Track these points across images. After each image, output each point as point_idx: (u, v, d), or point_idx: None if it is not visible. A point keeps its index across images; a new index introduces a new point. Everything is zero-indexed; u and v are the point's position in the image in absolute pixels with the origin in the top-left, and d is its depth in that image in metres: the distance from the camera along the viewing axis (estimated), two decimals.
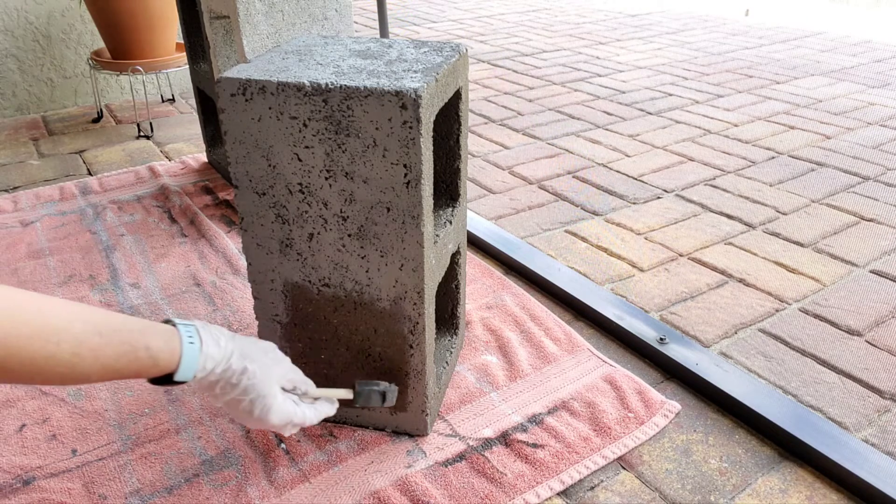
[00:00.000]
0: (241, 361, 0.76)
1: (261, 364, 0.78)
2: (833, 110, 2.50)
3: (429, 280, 0.89)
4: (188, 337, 0.72)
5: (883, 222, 1.67)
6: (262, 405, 0.78)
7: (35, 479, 0.93)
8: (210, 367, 0.73)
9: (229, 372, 0.75)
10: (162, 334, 0.70)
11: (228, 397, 0.76)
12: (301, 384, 0.85)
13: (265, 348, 0.82)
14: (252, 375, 0.76)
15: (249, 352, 0.78)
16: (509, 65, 3.15)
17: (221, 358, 0.75)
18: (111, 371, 0.65)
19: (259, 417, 0.78)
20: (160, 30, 2.25)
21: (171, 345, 0.70)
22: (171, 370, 0.70)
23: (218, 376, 0.75)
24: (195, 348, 0.72)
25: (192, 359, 0.72)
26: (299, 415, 0.82)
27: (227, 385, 0.75)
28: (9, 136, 2.27)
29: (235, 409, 0.78)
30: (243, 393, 0.76)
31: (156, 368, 0.69)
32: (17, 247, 1.53)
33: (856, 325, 1.28)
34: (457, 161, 1.04)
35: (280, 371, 0.81)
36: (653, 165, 2.01)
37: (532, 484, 0.92)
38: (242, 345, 0.78)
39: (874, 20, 4.40)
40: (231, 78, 0.81)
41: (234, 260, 1.47)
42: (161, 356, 0.69)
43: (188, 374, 0.72)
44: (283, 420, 0.80)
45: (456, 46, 0.95)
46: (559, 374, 1.13)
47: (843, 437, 0.98)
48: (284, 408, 0.80)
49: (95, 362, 0.63)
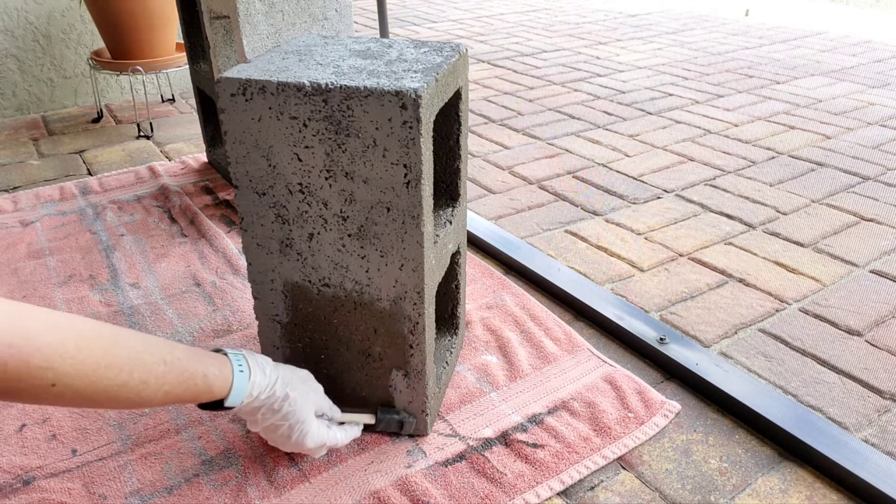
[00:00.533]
0: (283, 389, 0.82)
1: (300, 392, 0.85)
2: (833, 110, 2.50)
3: (429, 280, 0.89)
4: (238, 365, 0.78)
5: (883, 222, 1.67)
6: (299, 431, 0.84)
7: (35, 479, 0.93)
8: (256, 394, 0.79)
9: (273, 399, 0.81)
10: (216, 363, 0.76)
11: (269, 423, 0.82)
12: (328, 410, 0.91)
13: (304, 377, 0.88)
14: (293, 402, 0.83)
15: (290, 379, 0.84)
16: (509, 65, 3.15)
17: (266, 385, 0.81)
18: (171, 396, 0.71)
19: (296, 442, 0.85)
20: (160, 30, 2.25)
21: (224, 372, 0.76)
22: (223, 396, 0.76)
23: (262, 402, 0.81)
24: (244, 376, 0.78)
25: (242, 386, 0.78)
26: (332, 438, 0.89)
27: (269, 411, 0.81)
28: (9, 136, 2.27)
29: (274, 434, 0.84)
30: (283, 419, 0.82)
31: (209, 395, 0.75)
32: (17, 247, 1.53)
33: (856, 325, 1.28)
34: (457, 161, 1.04)
35: (315, 398, 0.88)
36: (653, 165, 2.01)
37: (532, 484, 0.92)
38: (284, 373, 0.84)
39: (874, 20, 4.40)
40: (231, 78, 0.81)
41: (234, 260, 1.47)
42: (216, 383, 0.75)
43: (237, 400, 0.78)
44: (317, 444, 0.87)
45: (456, 46, 0.95)
46: (559, 374, 1.13)
47: (843, 437, 0.98)
48: (319, 433, 0.87)
49: (159, 390, 0.69)
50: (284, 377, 0.84)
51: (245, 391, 0.78)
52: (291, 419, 0.83)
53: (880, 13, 4.72)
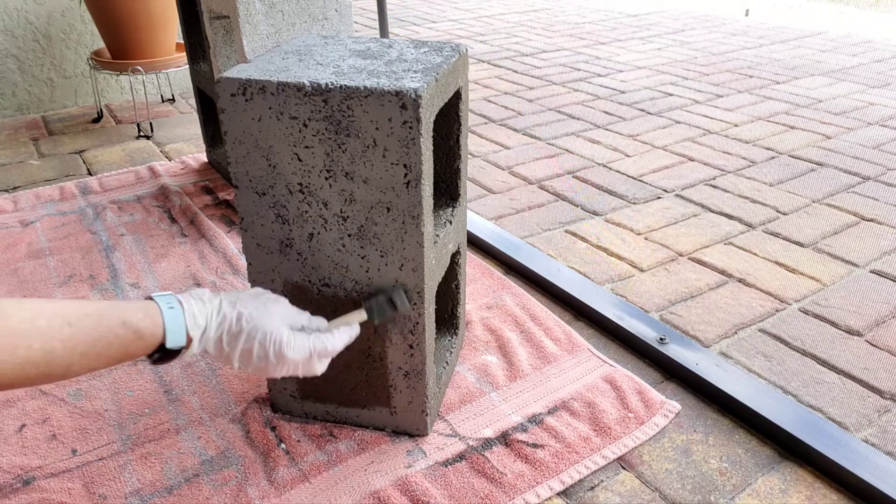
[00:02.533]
0: (232, 308, 0.75)
1: (254, 305, 0.77)
2: (833, 110, 2.50)
3: (429, 280, 0.89)
4: (167, 304, 0.71)
5: (883, 222, 1.67)
6: (273, 343, 0.75)
7: (35, 479, 0.93)
8: (203, 323, 0.72)
9: (226, 321, 0.74)
10: (139, 308, 0.69)
11: (238, 349, 0.74)
12: (309, 322, 0.82)
13: (254, 293, 0.80)
14: (250, 318, 0.75)
15: (237, 298, 0.77)
16: (509, 65, 3.15)
17: (211, 310, 0.73)
18: (94, 356, 0.64)
19: (277, 356, 0.76)
20: (160, 30, 2.25)
21: (151, 315, 0.69)
22: (159, 340, 0.69)
23: (217, 330, 0.73)
24: (177, 311, 0.71)
25: (178, 322, 0.70)
26: (319, 344, 0.80)
27: (230, 336, 0.74)
28: (9, 136, 2.27)
29: (252, 360, 0.76)
30: (249, 337, 0.75)
31: (142, 341, 0.68)
32: (17, 247, 1.53)
33: (856, 325, 1.28)
34: (457, 161, 1.04)
35: (280, 310, 0.79)
36: (653, 165, 2.01)
37: (532, 484, 0.92)
38: (228, 295, 0.77)
39: (874, 20, 4.40)
40: (231, 78, 0.81)
41: (234, 260, 1.47)
42: (142, 326, 0.68)
43: (180, 338, 0.70)
44: (303, 353, 0.78)
45: (456, 46, 0.95)
46: (559, 374, 1.13)
47: (843, 437, 0.98)
48: (299, 341, 0.78)
49: (73, 352, 0.62)
50: (231, 298, 0.76)
51: (183, 326, 0.70)
52: (258, 335, 0.75)
53: (880, 13, 4.72)
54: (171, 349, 0.70)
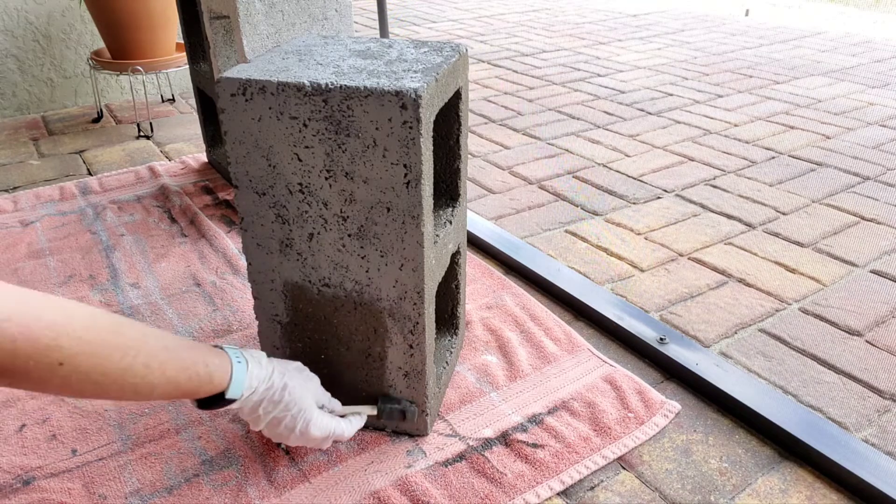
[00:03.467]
0: (281, 378, 0.82)
1: (298, 381, 0.85)
2: (833, 110, 2.50)
3: (429, 280, 0.89)
4: (236, 357, 0.79)
5: (883, 222, 1.67)
6: (303, 420, 0.84)
7: (35, 479, 0.93)
8: (255, 385, 0.79)
9: (272, 389, 0.81)
10: (215, 353, 0.77)
11: (272, 416, 0.82)
12: (328, 403, 0.90)
13: (298, 367, 0.88)
14: (293, 391, 0.83)
15: (286, 369, 0.85)
16: (509, 65, 3.15)
17: (265, 376, 0.81)
18: (174, 384, 0.71)
19: (302, 431, 0.84)
20: (160, 30, 2.25)
21: (223, 363, 0.77)
22: (223, 387, 0.76)
23: (261, 395, 0.80)
24: (243, 367, 0.79)
25: (241, 376, 0.78)
26: (339, 428, 0.89)
27: (270, 403, 0.81)
28: (9, 136, 2.27)
29: (278, 427, 0.83)
30: (285, 409, 0.82)
31: (211, 385, 0.75)
32: (17, 247, 1.53)
33: (856, 325, 1.28)
34: (457, 161, 1.04)
35: (313, 387, 0.87)
36: (653, 165, 2.01)
37: (532, 484, 0.92)
38: (279, 364, 0.84)
39: (874, 20, 4.40)
40: (231, 78, 0.81)
41: (234, 260, 1.47)
42: (216, 372, 0.75)
43: (238, 391, 0.78)
44: (324, 433, 0.86)
45: (456, 46, 0.95)
46: (559, 374, 1.13)
47: (843, 437, 0.98)
48: (324, 421, 0.86)
49: (163, 375, 0.69)
50: (280, 368, 0.84)
51: (244, 382, 0.78)
52: (293, 409, 0.83)
53: (880, 13, 4.72)
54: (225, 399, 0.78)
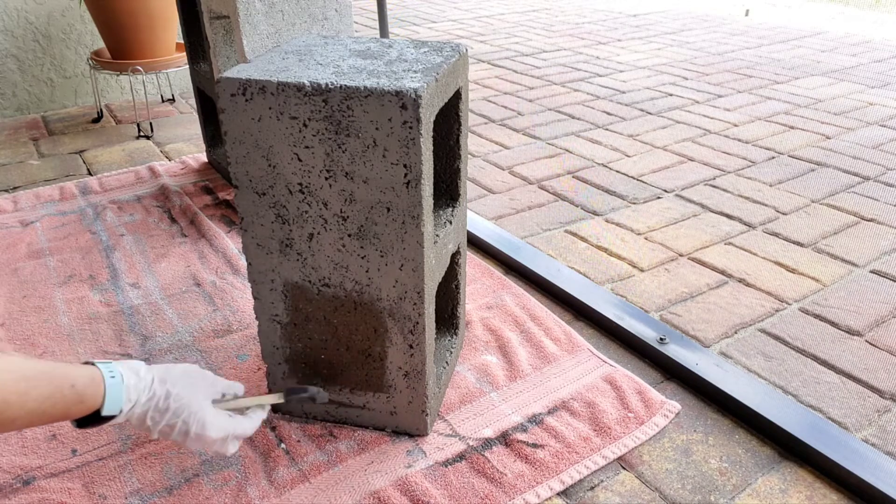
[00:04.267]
0: (162, 387, 0.79)
1: (184, 384, 0.81)
2: (833, 110, 2.50)
3: (429, 280, 0.89)
4: (109, 372, 0.75)
5: (883, 222, 1.67)
6: (196, 422, 0.80)
7: (35, 479, 0.93)
8: (135, 398, 0.76)
9: (155, 398, 0.78)
10: (85, 373, 0.73)
11: (162, 424, 0.78)
12: (229, 389, 0.87)
13: (186, 370, 0.84)
14: (178, 397, 0.79)
15: (168, 376, 0.80)
16: (509, 65, 3.15)
17: (144, 387, 0.77)
18: (38, 414, 0.67)
19: (197, 434, 0.80)
20: (160, 30, 2.25)
21: (95, 381, 0.73)
22: (97, 406, 0.73)
23: (144, 406, 0.77)
24: (117, 381, 0.74)
25: (117, 393, 0.74)
26: (238, 427, 0.84)
27: (157, 412, 0.78)
28: (9, 136, 2.27)
29: (171, 434, 0.80)
30: (174, 416, 0.78)
31: (83, 405, 0.71)
32: (17, 247, 1.53)
33: (856, 325, 1.28)
34: (457, 161, 1.04)
35: (205, 386, 0.83)
36: (653, 165, 2.01)
37: (532, 484, 0.92)
38: (160, 372, 0.80)
39: (874, 20, 4.40)
40: (231, 78, 0.81)
41: (234, 260, 1.47)
42: (87, 392, 0.71)
43: (114, 407, 0.74)
44: (222, 433, 0.82)
45: (456, 46, 0.95)
46: (559, 374, 1.13)
47: (843, 437, 0.98)
48: (220, 421, 0.82)
49: (22, 408, 0.65)
50: (160, 375, 0.80)
51: (122, 398, 0.74)
52: (183, 413, 0.79)
53: (880, 13, 4.72)
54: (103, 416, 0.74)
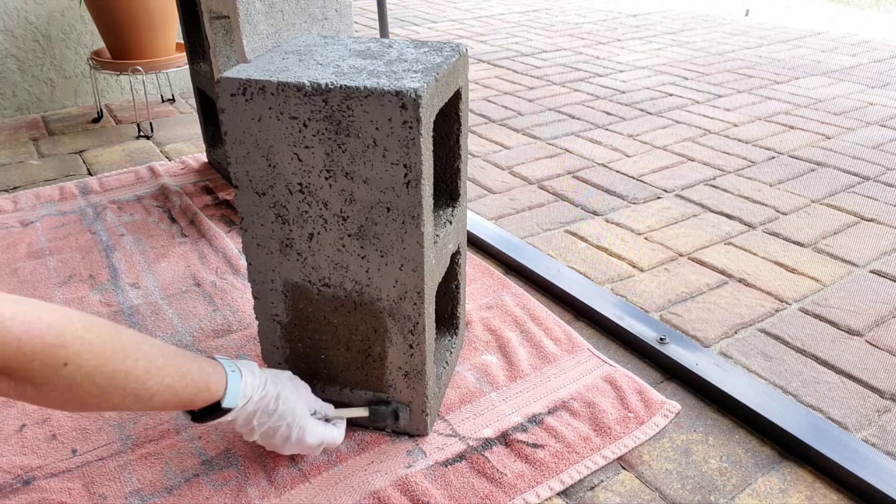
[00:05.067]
0: (275, 388, 0.83)
1: (291, 389, 0.85)
2: (833, 110, 2.50)
3: (429, 280, 0.89)
4: (230, 366, 0.79)
5: (883, 222, 1.67)
6: (299, 428, 0.84)
7: (35, 479, 0.93)
8: (249, 394, 0.79)
9: (266, 399, 0.81)
10: (209, 362, 0.77)
11: (266, 426, 0.82)
12: (321, 408, 0.91)
13: (290, 376, 0.88)
14: (287, 400, 0.83)
15: (278, 378, 0.85)
16: (509, 65, 3.15)
17: (258, 385, 0.81)
18: (172, 391, 0.71)
19: (297, 440, 0.85)
20: (160, 30, 2.25)
21: (219, 371, 0.77)
22: (219, 396, 0.77)
23: (256, 404, 0.80)
24: (237, 376, 0.79)
25: (236, 385, 0.78)
26: (331, 435, 0.89)
27: (265, 413, 0.81)
28: (9, 136, 2.27)
29: (273, 438, 0.84)
30: (280, 418, 0.82)
31: (207, 393, 0.75)
32: (17, 247, 1.53)
33: (856, 325, 1.28)
34: (457, 161, 1.04)
35: (306, 394, 0.88)
36: (653, 165, 2.01)
37: (532, 484, 0.92)
38: (272, 374, 0.85)
39: (874, 20, 4.40)
40: (231, 78, 0.81)
41: (234, 260, 1.47)
42: (212, 380, 0.75)
43: (234, 399, 0.78)
44: (318, 440, 0.87)
45: (456, 46, 0.95)
46: (559, 374, 1.13)
47: (843, 437, 0.98)
48: (318, 429, 0.87)
49: (161, 381, 0.70)
50: (273, 377, 0.84)
51: (240, 391, 0.78)
52: (288, 417, 0.83)
53: (880, 13, 4.72)
54: (222, 409, 0.77)
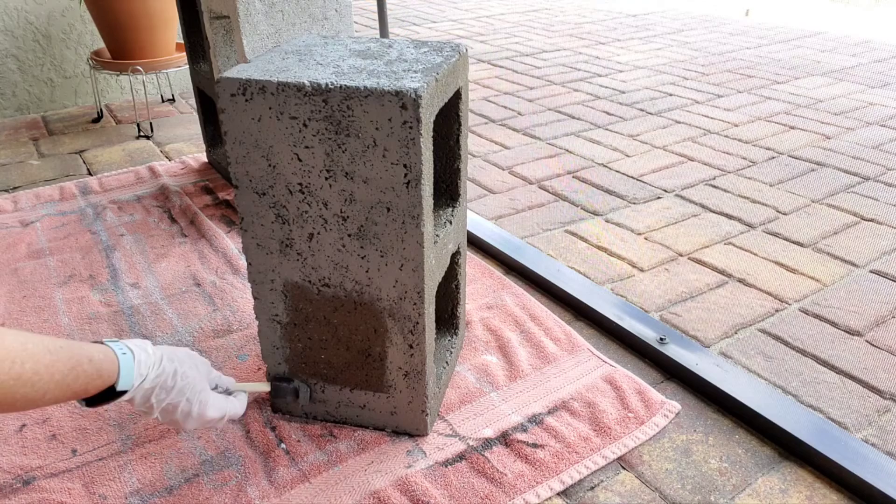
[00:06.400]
0: (171, 364, 0.82)
1: (189, 365, 0.84)
2: (833, 110, 2.50)
3: (429, 280, 0.89)
4: (120, 349, 0.77)
5: (883, 222, 1.67)
6: (199, 402, 0.83)
7: (35, 479, 0.93)
8: (145, 373, 0.78)
9: (163, 375, 0.80)
10: (98, 349, 0.75)
11: (165, 403, 0.81)
12: (222, 382, 0.91)
13: (189, 353, 0.87)
14: (184, 376, 0.82)
15: (175, 355, 0.84)
16: (509, 65, 3.15)
17: (154, 362, 0.80)
18: (63, 386, 0.70)
19: (199, 414, 0.84)
20: (160, 30, 2.25)
21: (109, 356, 0.75)
22: (113, 380, 0.75)
23: (153, 382, 0.79)
24: (129, 357, 0.77)
25: (129, 367, 0.77)
26: (233, 408, 0.89)
27: (162, 390, 0.80)
28: (9, 136, 2.27)
29: (174, 413, 0.83)
30: (179, 394, 0.81)
31: (100, 379, 0.74)
32: (17, 247, 1.53)
33: (856, 325, 1.28)
34: (457, 161, 1.04)
35: (205, 369, 0.88)
36: (653, 165, 2.01)
37: (532, 484, 0.92)
38: (168, 351, 0.83)
39: (874, 20, 4.40)
40: (231, 78, 0.81)
41: (234, 260, 1.47)
42: (103, 366, 0.74)
43: (128, 381, 0.76)
44: (219, 413, 0.86)
45: (456, 46, 0.95)
46: (559, 374, 1.13)
47: (843, 437, 0.98)
48: (219, 402, 0.87)
49: (51, 378, 0.68)
50: (168, 354, 0.82)
51: (133, 372, 0.77)
52: (188, 392, 0.82)
53: (880, 13, 4.72)
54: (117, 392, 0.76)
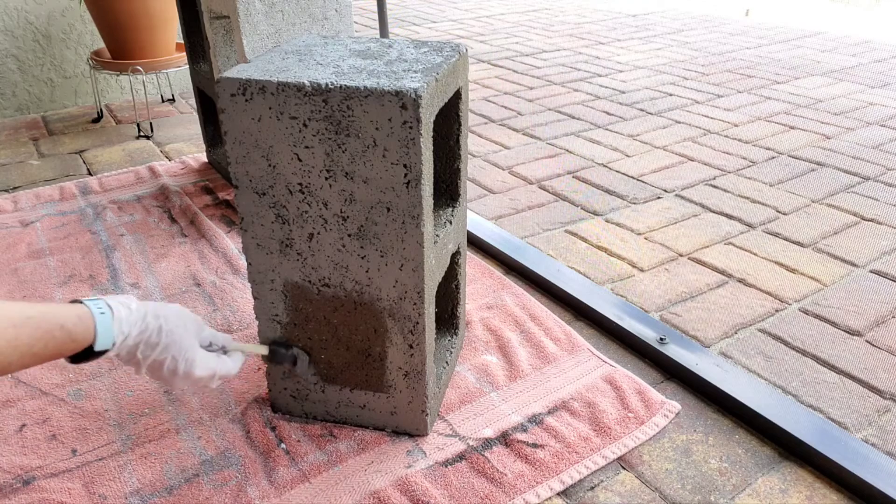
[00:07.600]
0: (156, 320, 0.79)
1: (176, 322, 0.81)
2: (833, 110, 2.50)
3: (429, 280, 0.89)
4: (98, 309, 0.75)
5: (883, 222, 1.67)
6: (185, 360, 0.81)
7: (35, 479, 0.93)
8: (127, 331, 0.76)
9: (147, 332, 0.78)
10: (74, 312, 0.73)
11: (150, 359, 0.79)
12: (217, 340, 0.88)
13: (179, 310, 0.84)
14: (170, 333, 0.79)
15: (161, 312, 0.81)
16: (509, 65, 3.15)
17: (136, 319, 0.78)
18: (31, 356, 0.69)
19: (185, 372, 0.81)
20: (160, 30, 2.25)
21: (84, 319, 0.73)
22: (89, 342, 0.73)
23: (136, 338, 0.77)
24: (107, 317, 0.75)
25: (107, 327, 0.75)
26: (223, 367, 0.86)
27: (147, 347, 0.78)
28: (9, 136, 2.27)
29: (160, 371, 0.80)
30: (165, 350, 0.79)
31: (74, 343, 0.72)
32: (17, 247, 1.53)
33: (856, 325, 1.28)
34: (457, 161, 1.04)
35: (195, 328, 0.85)
36: (653, 165, 2.01)
37: (532, 484, 0.92)
38: (155, 307, 0.81)
39: (874, 20, 4.40)
40: (231, 78, 0.81)
41: (234, 260, 1.47)
42: (76, 331, 0.72)
43: (107, 341, 0.74)
44: (208, 372, 0.84)
45: (456, 46, 0.95)
46: (559, 374, 1.13)
47: (843, 437, 0.98)
48: (208, 361, 0.84)
49: (14, 351, 0.67)
50: (155, 310, 0.80)
51: (112, 331, 0.75)
52: (174, 349, 0.80)
53: (880, 13, 4.72)
54: (97, 351, 0.75)
